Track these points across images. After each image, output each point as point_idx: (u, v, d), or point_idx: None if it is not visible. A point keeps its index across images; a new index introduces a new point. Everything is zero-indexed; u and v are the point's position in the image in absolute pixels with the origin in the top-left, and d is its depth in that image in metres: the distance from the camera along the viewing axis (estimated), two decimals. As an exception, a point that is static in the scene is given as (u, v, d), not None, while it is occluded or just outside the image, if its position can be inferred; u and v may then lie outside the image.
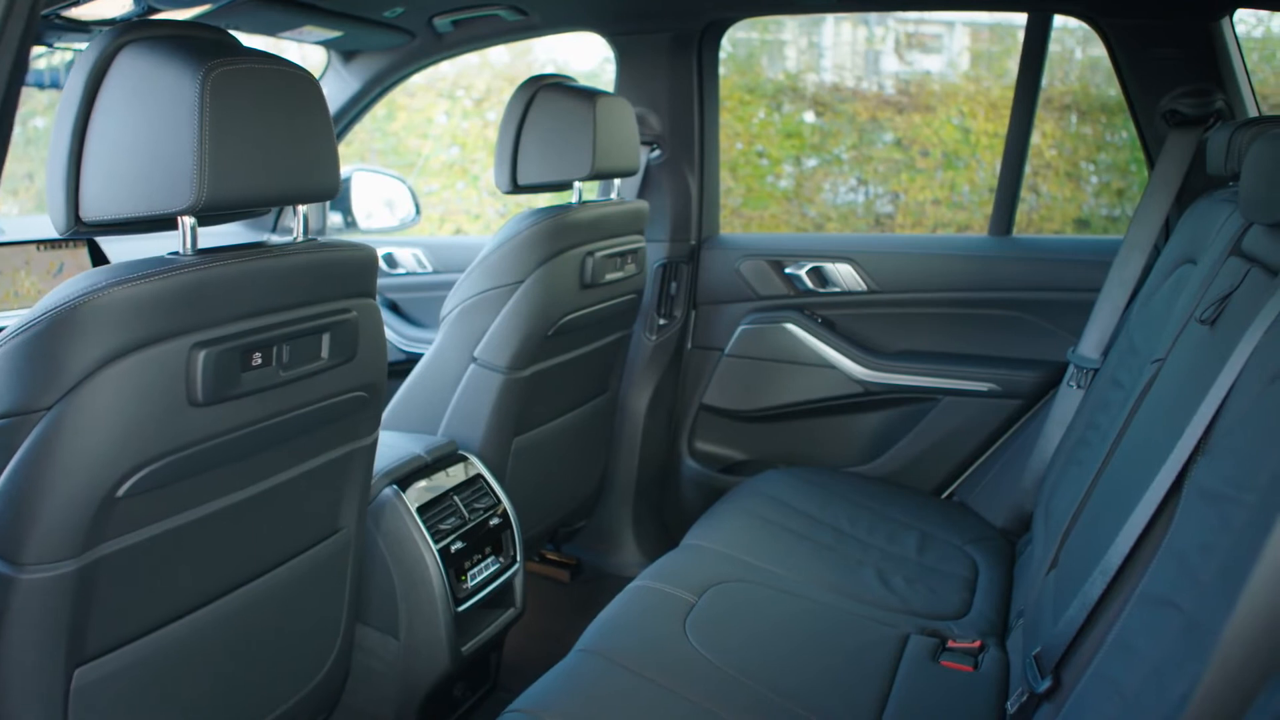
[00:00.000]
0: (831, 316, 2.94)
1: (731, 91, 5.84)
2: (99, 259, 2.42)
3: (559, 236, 2.28)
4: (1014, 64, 2.82)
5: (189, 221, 1.30)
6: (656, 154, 2.97)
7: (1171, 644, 1.15)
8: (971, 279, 2.83)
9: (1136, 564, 1.36)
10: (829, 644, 1.85)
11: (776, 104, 5.97)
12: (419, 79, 3.70)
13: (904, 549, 2.25)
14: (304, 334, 1.43)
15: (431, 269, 3.35)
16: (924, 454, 2.83)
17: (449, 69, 6.27)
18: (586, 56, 5.95)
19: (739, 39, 6.06)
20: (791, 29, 6.23)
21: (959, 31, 6.18)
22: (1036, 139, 5.19)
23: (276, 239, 2.42)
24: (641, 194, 2.97)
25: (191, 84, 1.23)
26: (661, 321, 2.97)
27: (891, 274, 2.89)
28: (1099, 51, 5.40)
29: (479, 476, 2.20)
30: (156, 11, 2.14)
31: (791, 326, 2.93)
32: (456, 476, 2.15)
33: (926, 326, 2.87)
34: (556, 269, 2.28)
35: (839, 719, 1.64)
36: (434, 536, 1.98)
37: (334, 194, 1.46)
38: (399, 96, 6.11)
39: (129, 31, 1.28)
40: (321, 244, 1.47)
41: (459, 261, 3.23)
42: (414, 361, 2.46)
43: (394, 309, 3.36)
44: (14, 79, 1.12)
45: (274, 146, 1.33)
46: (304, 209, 1.49)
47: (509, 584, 2.17)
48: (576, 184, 2.37)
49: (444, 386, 2.32)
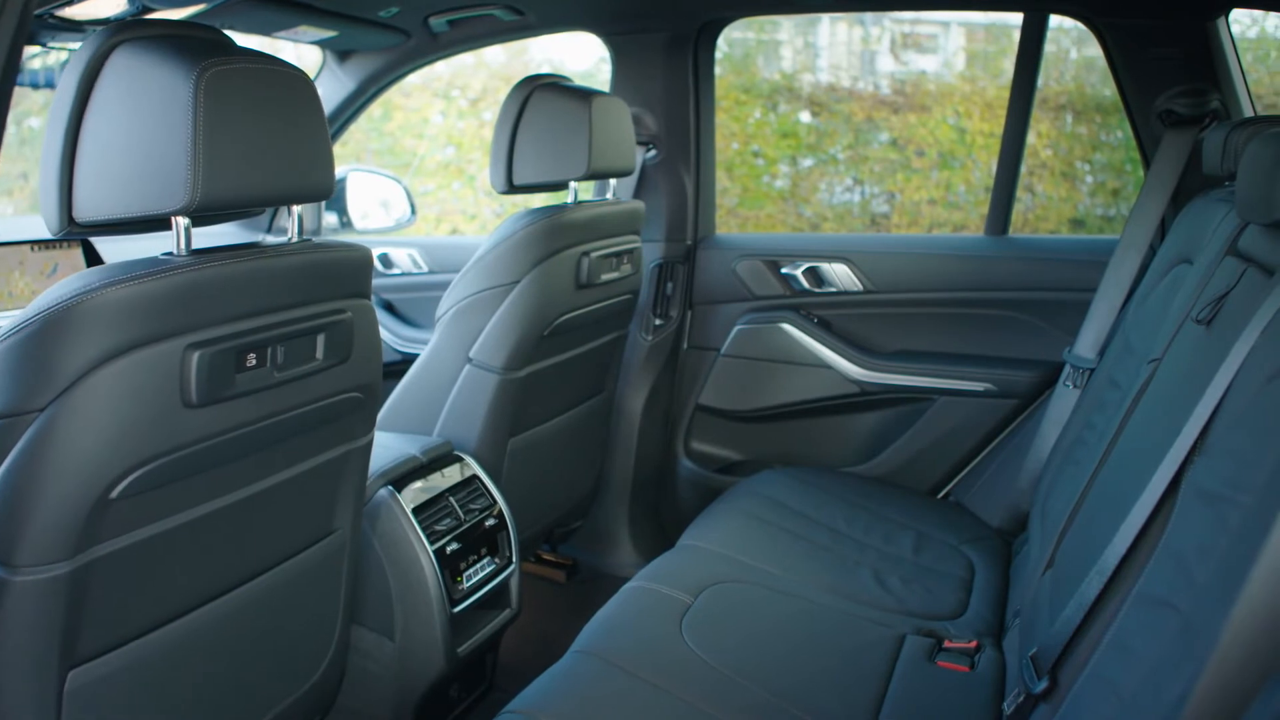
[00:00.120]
0: (827, 316, 2.94)
1: (727, 91, 5.84)
2: (93, 259, 2.42)
3: (554, 237, 2.27)
4: (1009, 64, 2.82)
5: (183, 222, 1.30)
6: (652, 154, 2.97)
7: (1168, 645, 1.15)
8: (967, 279, 2.83)
9: (1133, 564, 1.36)
10: (825, 644, 1.84)
11: (772, 104, 5.97)
12: (415, 79, 3.70)
13: (900, 549, 2.25)
14: (299, 335, 1.43)
15: (427, 269, 3.34)
16: (920, 454, 2.83)
17: (445, 69, 6.26)
18: (582, 56, 5.95)
19: (735, 39, 6.06)
20: (787, 29, 6.23)
21: (954, 32, 6.19)
22: (1032, 139, 5.19)
23: (272, 239, 2.41)
24: (637, 194, 2.96)
25: (185, 84, 1.22)
26: (657, 322, 2.96)
27: (887, 274, 2.89)
28: (1094, 51, 5.42)
29: (475, 477, 2.19)
30: (151, 11, 2.13)
31: (787, 326, 2.93)
32: (452, 477, 2.14)
33: (922, 326, 2.87)
34: (552, 269, 2.27)
35: (835, 719, 1.64)
36: (429, 537, 1.98)
37: (329, 194, 1.45)
38: (395, 96, 6.11)
39: (122, 31, 1.28)
40: (316, 244, 1.47)
41: (454, 262, 3.23)
42: (409, 362, 2.45)
43: (389, 309, 3.35)
44: (6, 79, 1.12)
45: (268, 146, 1.32)
46: (298, 209, 1.49)
47: (505, 585, 2.17)
48: (572, 184, 2.37)
49: (439, 387, 2.32)
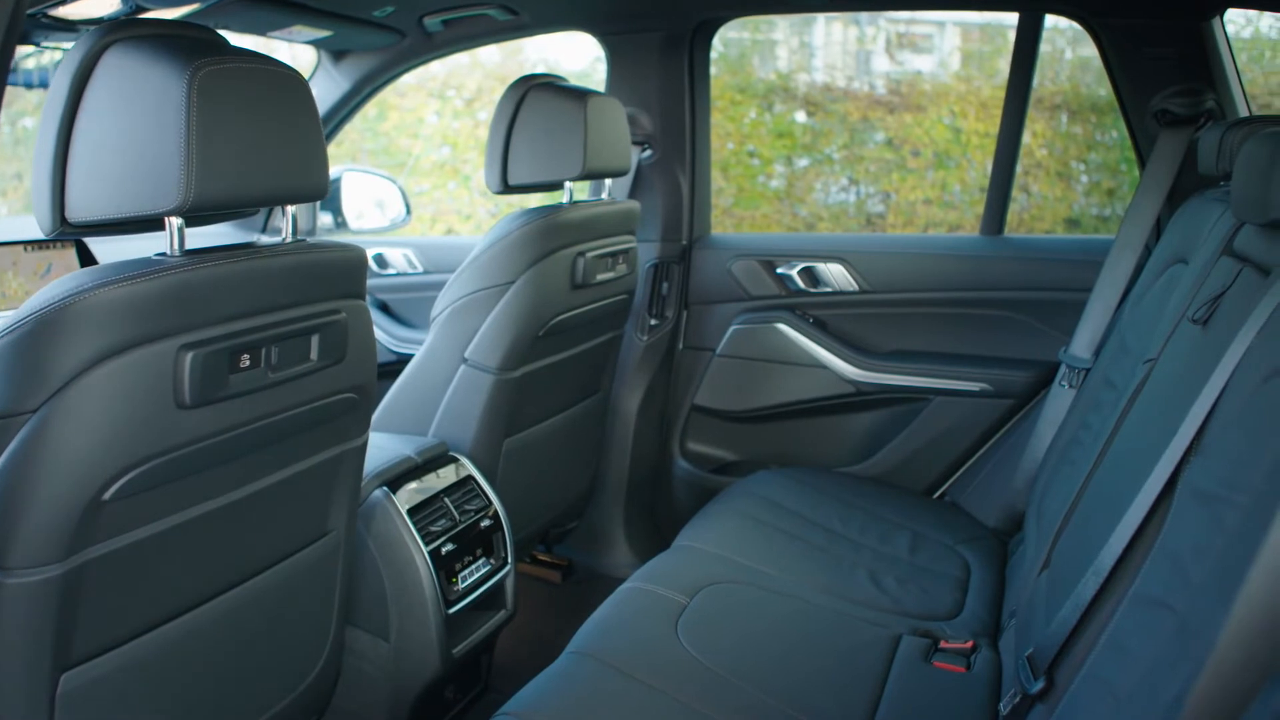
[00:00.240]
0: (823, 316, 2.94)
1: (723, 91, 5.84)
2: (87, 260, 2.41)
3: (550, 237, 2.27)
4: (1004, 64, 2.82)
5: (176, 222, 1.29)
6: (648, 154, 2.96)
7: (1165, 645, 1.15)
8: (963, 279, 2.83)
9: (1129, 564, 1.36)
10: (821, 645, 1.84)
11: (768, 104, 5.97)
12: (410, 79, 3.69)
13: (896, 549, 2.25)
14: (293, 335, 1.42)
15: (422, 269, 3.34)
16: (916, 454, 2.82)
17: (440, 69, 6.26)
18: (578, 56, 5.94)
19: (730, 39, 6.06)
20: (783, 29, 6.23)
21: (950, 31, 6.19)
22: (1027, 139, 5.20)
23: (266, 239, 2.40)
24: (633, 194, 2.96)
25: (178, 83, 1.22)
26: (653, 322, 2.96)
27: (883, 274, 2.89)
28: (1089, 51, 5.42)
29: (470, 478, 2.19)
30: (145, 11, 2.12)
31: (783, 326, 2.93)
32: (447, 478, 2.14)
33: (918, 326, 2.87)
34: (547, 269, 2.27)
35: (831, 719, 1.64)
36: (424, 538, 1.97)
37: (323, 194, 1.45)
38: (390, 96, 6.10)
39: (115, 30, 1.27)
40: (310, 245, 1.46)
41: (450, 262, 3.22)
42: (404, 362, 2.45)
43: (384, 309, 3.34)
44: (-1, 78, 1.11)
45: (262, 146, 1.32)
46: (293, 209, 1.48)
47: (500, 586, 2.16)
48: (567, 184, 2.36)
49: (434, 387, 2.31)
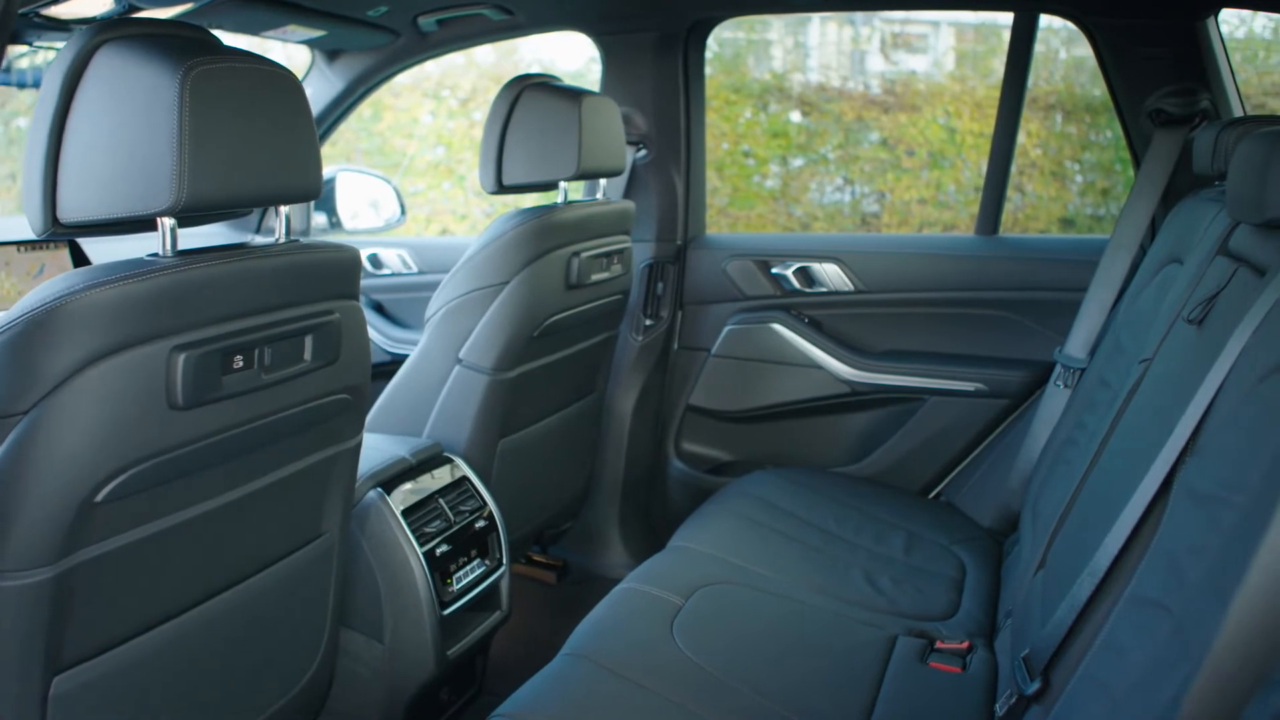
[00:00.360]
0: (818, 316, 2.94)
1: (718, 91, 5.84)
2: (81, 260, 2.40)
3: (544, 237, 2.26)
4: (999, 64, 2.83)
5: (168, 223, 1.29)
6: (642, 154, 2.96)
7: (1161, 646, 1.14)
8: (958, 279, 2.83)
9: (1125, 565, 1.35)
10: (817, 646, 1.84)
11: (763, 104, 5.97)
12: (404, 79, 3.68)
13: (891, 549, 2.25)
14: (286, 336, 1.42)
15: (417, 270, 3.33)
16: (911, 454, 2.82)
17: (434, 69, 6.25)
18: (572, 56, 5.94)
19: (725, 39, 6.05)
20: (777, 29, 6.23)
21: (944, 31, 6.20)
22: (1022, 139, 5.20)
23: (260, 240, 2.40)
24: (627, 194, 2.96)
25: (170, 83, 1.21)
26: (648, 322, 2.96)
27: (878, 274, 2.89)
28: (1083, 51, 5.43)
29: (464, 479, 2.18)
30: (138, 10, 2.11)
31: (778, 327, 2.92)
32: (442, 479, 2.13)
33: (913, 326, 2.87)
34: (542, 270, 2.26)
35: (827, 721, 1.63)
36: (419, 539, 1.97)
37: (316, 195, 1.44)
38: (384, 96, 6.09)
39: (107, 30, 1.26)
40: (304, 245, 1.46)
41: (444, 262, 3.21)
42: (399, 363, 2.44)
43: (379, 310, 3.34)
44: (-10, 78, 1.10)
45: (255, 147, 1.31)
46: (286, 210, 1.48)
47: (495, 587, 2.16)
48: (562, 184, 2.36)
49: (429, 388, 2.31)
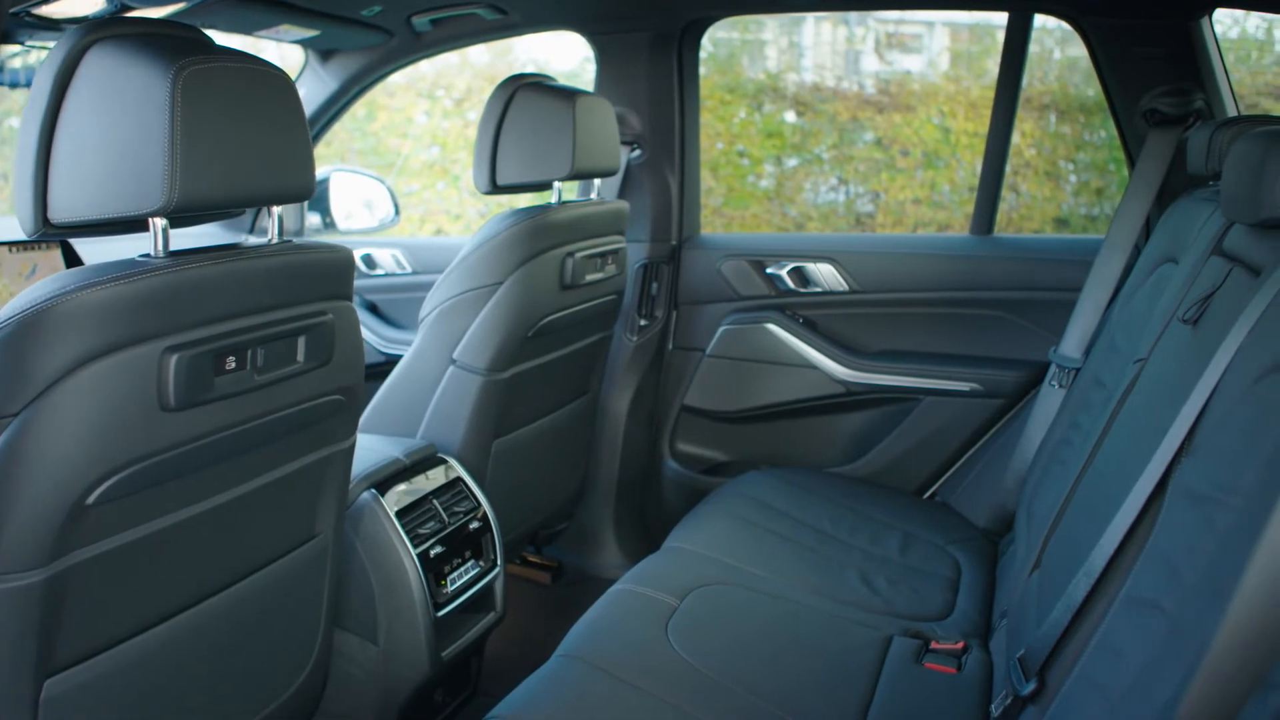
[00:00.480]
0: (813, 316, 2.93)
1: (712, 91, 5.83)
2: (73, 261, 2.39)
3: (539, 237, 2.26)
4: (993, 64, 2.82)
5: (160, 223, 1.28)
6: (637, 154, 2.95)
7: (1157, 647, 1.14)
8: (953, 279, 2.83)
9: (1121, 565, 1.35)
10: (812, 646, 1.84)
11: (757, 104, 5.97)
12: (399, 78, 3.67)
13: (886, 550, 2.24)
14: (279, 337, 1.41)
15: (411, 270, 3.33)
16: (906, 454, 2.82)
17: (429, 68, 6.24)
18: (567, 56, 5.93)
19: (719, 39, 6.05)
20: (772, 29, 6.23)
21: (939, 31, 6.20)
22: (1016, 138, 5.21)
23: (253, 240, 2.39)
24: (622, 194, 2.95)
25: (162, 83, 1.20)
26: (642, 322, 2.95)
27: (873, 274, 2.88)
28: (1077, 51, 5.44)
29: (458, 480, 2.18)
30: (130, 10, 2.11)
31: (773, 327, 2.92)
32: (436, 480, 2.13)
33: (908, 326, 2.86)
34: (536, 270, 2.26)
35: (822, 722, 1.63)
36: (413, 541, 1.96)
37: (309, 195, 1.43)
38: (379, 96, 6.08)
39: (97, 29, 1.26)
40: (296, 245, 1.45)
41: (438, 262, 3.21)
42: (393, 363, 2.44)
43: (373, 310, 3.33)
44: (-20, 77, 1.10)
45: (247, 147, 1.30)
46: (279, 210, 1.47)
47: (489, 588, 2.15)
48: (556, 184, 2.35)
49: (423, 389, 2.30)
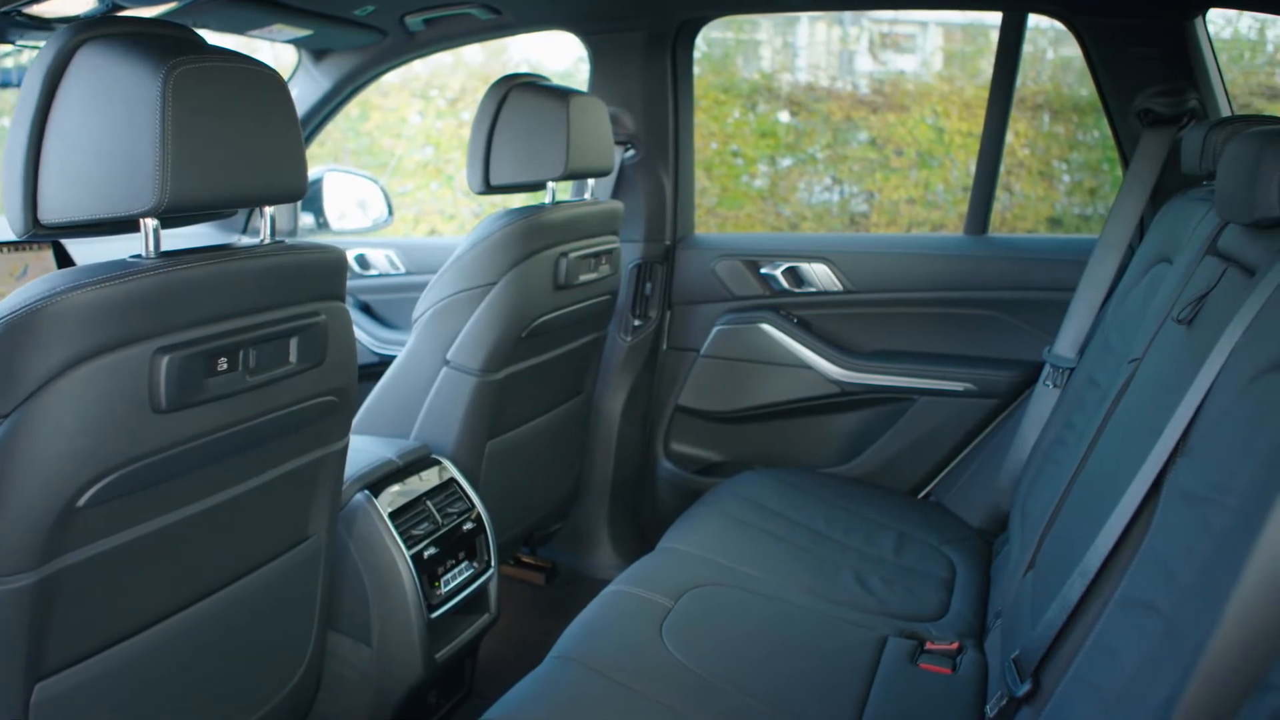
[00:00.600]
0: (807, 316, 2.93)
1: (706, 91, 5.83)
2: (65, 262, 2.38)
3: (532, 237, 2.25)
4: (987, 64, 2.83)
5: (151, 224, 1.27)
6: (631, 154, 2.95)
7: (1152, 647, 1.14)
8: (947, 278, 2.82)
9: (1116, 566, 1.35)
10: (806, 647, 1.83)
11: (751, 103, 5.97)
12: (392, 78, 3.67)
13: (881, 550, 2.24)
14: (271, 338, 1.40)
15: (404, 270, 3.32)
16: (900, 454, 2.82)
17: (423, 68, 6.23)
18: (561, 56, 5.93)
19: (714, 39, 6.05)
20: (766, 29, 6.23)
21: (932, 31, 6.21)
22: (1010, 138, 5.22)
23: (246, 241, 2.38)
24: (616, 194, 2.95)
25: (153, 83, 1.20)
26: (636, 322, 2.95)
27: (867, 274, 2.88)
28: (1071, 51, 5.44)
29: (452, 481, 2.17)
30: (121, 9, 2.10)
31: (767, 327, 2.92)
32: (430, 481, 2.12)
33: (902, 326, 2.86)
34: (530, 270, 2.25)
35: (817, 724, 1.63)
36: (407, 542, 1.96)
37: (301, 195, 1.43)
38: (372, 96, 6.07)
39: (88, 28, 1.25)
40: (289, 246, 1.45)
41: (432, 263, 3.20)
42: (387, 364, 2.43)
43: (366, 311, 3.32)
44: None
45: (239, 147, 1.30)
46: (271, 210, 1.46)
47: (483, 589, 2.15)
48: (550, 184, 2.35)
49: (416, 389, 2.30)
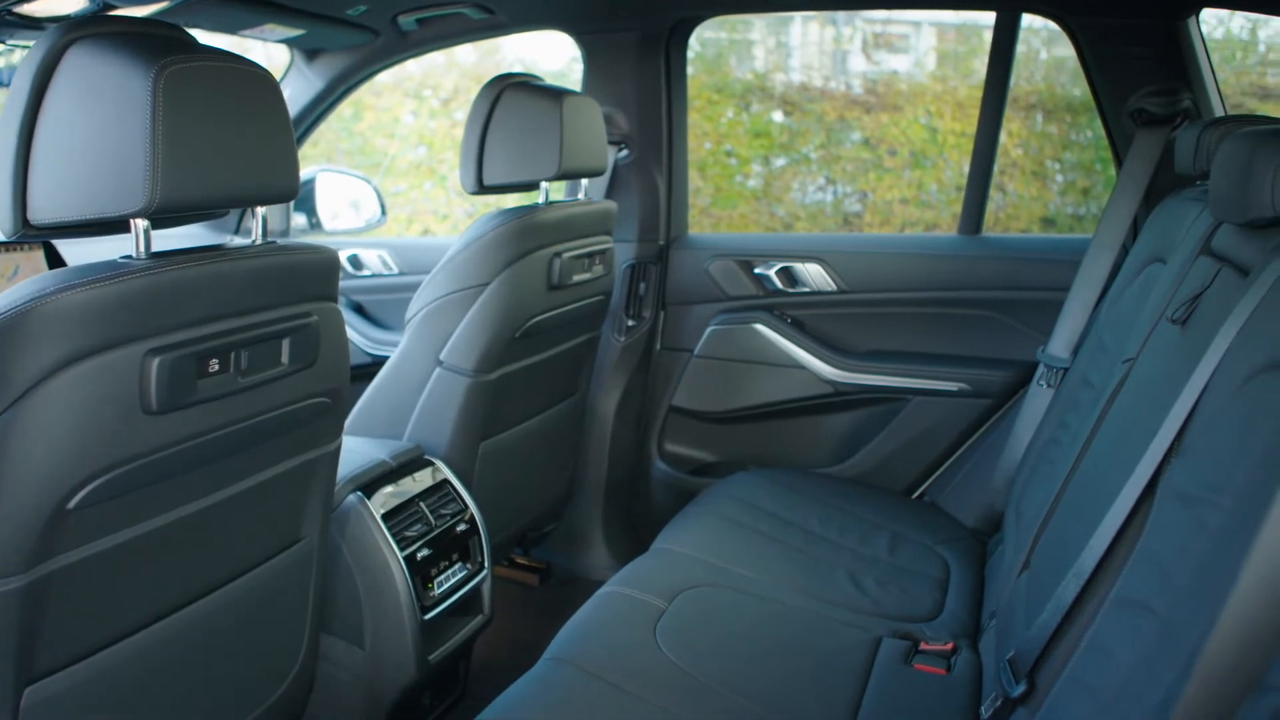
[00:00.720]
0: (801, 316, 2.93)
1: (700, 91, 5.83)
2: (56, 262, 2.37)
3: (526, 237, 2.25)
4: (980, 64, 2.83)
5: (142, 224, 1.27)
6: (624, 154, 2.94)
7: (1148, 648, 1.14)
8: (941, 278, 2.82)
9: (1110, 566, 1.35)
10: (801, 648, 1.83)
11: (745, 103, 5.97)
12: (385, 78, 3.66)
13: (875, 550, 2.24)
14: (263, 339, 1.40)
15: (397, 270, 3.31)
16: (894, 454, 2.82)
17: (416, 68, 6.22)
18: (555, 56, 5.92)
19: (707, 38, 6.05)
20: (759, 29, 6.22)
21: (926, 31, 6.21)
22: (1003, 138, 5.23)
23: (238, 241, 2.37)
24: (609, 194, 2.94)
25: (143, 82, 1.19)
26: (630, 323, 2.94)
27: (861, 274, 2.88)
28: (1064, 51, 5.45)
29: (445, 482, 2.16)
30: (112, 8, 2.09)
31: (761, 327, 2.91)
32: (423, 482, 2.12)
33: (896, 326, 2.86)
34: (523, 270, 2.25)
35: (812, 725, 1.62)
36: (399, 543, 1.95)
37: (293, 195, 1.42)
38: (366, 96, 6.06)
39: (78, 28, 1.24)
40: (280, 246, 1.44)
41: (425, 263, 3.20)
42: (380, 364, 2.42)
43: (359, 311, 3.31)
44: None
45: (230, 147, 1.29)
46: (263, 211, 1.46)
47: (477, 590, 2.14)
48: (544, 184, 2.34)
49: (409, 390, 2.29)
